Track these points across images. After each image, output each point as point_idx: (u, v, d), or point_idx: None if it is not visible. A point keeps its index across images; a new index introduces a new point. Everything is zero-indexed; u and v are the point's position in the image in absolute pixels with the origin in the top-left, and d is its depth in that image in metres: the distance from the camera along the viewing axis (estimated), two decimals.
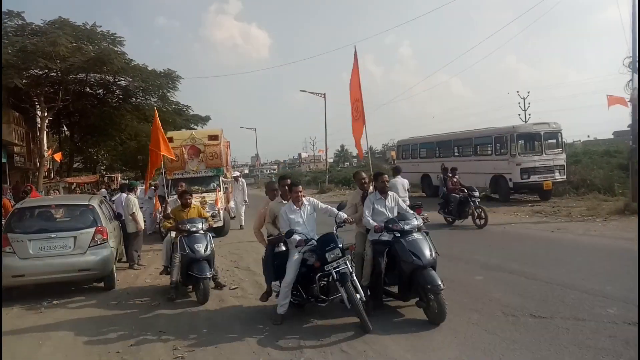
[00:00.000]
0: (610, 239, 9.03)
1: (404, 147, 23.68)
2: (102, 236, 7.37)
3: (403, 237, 5.15)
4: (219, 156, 13.24)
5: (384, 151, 76.01)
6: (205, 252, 6.54)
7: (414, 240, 5.10)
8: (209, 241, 6.74)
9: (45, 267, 6.98)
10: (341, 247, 5.16)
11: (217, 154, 13.20)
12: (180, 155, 12.73)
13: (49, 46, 21.58)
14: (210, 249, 6.66)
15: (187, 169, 12.95)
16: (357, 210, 5.82)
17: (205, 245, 6.59)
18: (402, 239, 5.14)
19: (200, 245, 6.54)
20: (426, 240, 5.18)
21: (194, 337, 5.15)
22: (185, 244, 6.55)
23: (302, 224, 5.46)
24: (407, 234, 5.17)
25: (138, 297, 7.07)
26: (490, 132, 17.76)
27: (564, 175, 16.57)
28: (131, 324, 5.76)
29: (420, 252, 5.00)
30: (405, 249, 5.04)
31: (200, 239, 6.63)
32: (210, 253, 6.66)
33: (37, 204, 8.30)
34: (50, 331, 5.66)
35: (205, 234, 6.79)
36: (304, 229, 5.45)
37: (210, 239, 6.81)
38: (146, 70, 27.95)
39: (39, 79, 24.58)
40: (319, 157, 76.86)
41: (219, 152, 13.25)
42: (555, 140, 16.83)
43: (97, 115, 30.63)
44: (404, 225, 5.22)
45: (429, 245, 5.12)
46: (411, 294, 5.20)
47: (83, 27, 24.77)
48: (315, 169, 70.00)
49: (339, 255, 5.05)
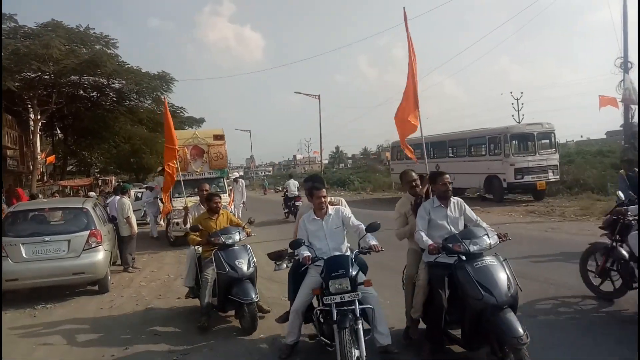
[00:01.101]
0: (604, 238, 9.08)
1: (399, 148, 23.70)
2: (96, 239, 7.33)
3: (469, 262, 3.71)
4: (224, 157, 12.84)
5: (378, 152, 76.11)
6: (249, 270, 5.35)
7: (484, 267, 3.67)
8: (251, 255, 5.53)
9: (39, 271, 6.93)
10: (353, 276, 3.84)
11: (222, 155, 12.76)
12: (182, 156, 12.14)
13: (42, 49, 21.46)
14: (253, 265, 5.46)
15: (189, 170, 12.31)
16: (407, 222, 4.58)
17: (248, 261, 5.41)
18: (467, 264, 3.70)
19: (242, 261, 5.33)
20: (503, 268, 3.70)
21: (189, 340, 5.13)
22: (223, 260, 5.30)
23: (322, 238, 4.37)
24: (475, 258, 3.73)
25: (133, 301, 7.04)
26: (484, 133, 17.85)
27: (558, 175, 16.68)
28: (126, 327, 5.73)
29: (493, 284, 3.55)
30: (471, 279, 3.61)
31: (240, 253, 5.43)
32: (254, 270, 5.46)
33: (30, 207, 8.25)
34: (45, 335, 5.62)
35: (245, 246, 5.60)
36: (323, 245, 4.34)
37: (251, 252, 5.58)
38: (140, 73, 27.86)
39: (32, 82, 24.45)
40: (314, 158, 76.89)
41: (224, 153, 12.83)
42: (549, 140, 16.94)
43: (90, 118, 30.49)
44: (471, 246, 3.74)
45: (506, 276, 3.66)
46: (479, 341, 3.77)
47: (76, 30, 24.65)
48: (310, 171, 69.99)
49: (346, 288, 3.79)
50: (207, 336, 5.21)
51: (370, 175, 36.12)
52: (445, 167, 19.03)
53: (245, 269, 5.30)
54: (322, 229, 4.40)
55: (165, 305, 6.65)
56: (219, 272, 5.30)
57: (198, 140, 12.61)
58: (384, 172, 35.34)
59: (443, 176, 4.26)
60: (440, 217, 4.24)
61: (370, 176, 35.64)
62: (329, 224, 4.42)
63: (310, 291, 4.22)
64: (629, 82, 12.80)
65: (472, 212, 4.39)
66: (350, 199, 24.73)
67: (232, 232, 5.55)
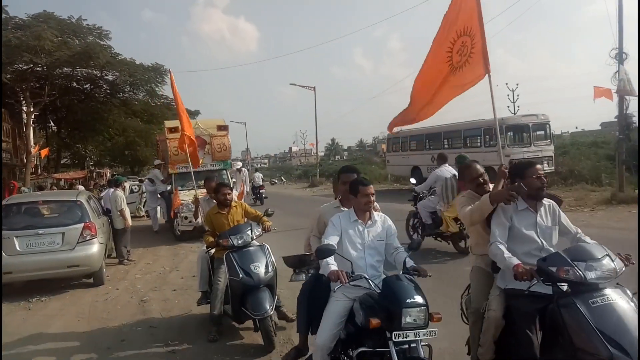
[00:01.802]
0: (598, 229, 9.14)
1: (394, 140, 23.72)
2: (90, 232, 7.30)
3: (582, 296, 2.59)
4: (227, 148, 12.47)
5: (374, 144, 76.09)
6: (267, 275, 4.53)
7: (607, 306, 2.52)
8: (269, 256, 4.72)
9: (33, 264, 6.90)
10: (427, 307, 2.84)
11: (226, 146, 12.39)
12: None
13: (33, 40, 21.21)
14: (272, 268, 4.65)
15: None
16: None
17: (265, 264, 4.59)
18: (578, 300, 2.57)
19: (258, 265, 4.52)
20: (633, 308, 2.55)
21: (185, 332, 5.13)
22: (236, 264, 4.51)
23: (360, 249, 3.27)
24: (592, 290, 2.60)
25: (128, 293, 7.03)
26: (479, 124, 17.84)
27: (552, 166, 16.75)
28: (121, 319, 5.72)
29: (623, 333, 2.42)
30: (587, 324, 2.48)
31: (256, 255, 4.63)
32: (273, 274, 4.65)
33: (23, 200, 8.20)
34: (40, 328, 5.61)
35: (262, 246, 4.80)
36: (360, 258, 3.24)
37: (270, 252, 4.79)
38: (133, 65, 27.62)
39: (24, 74, 24.19)
40: (310, 150, 76.81)
41: (227, 144, 12.46)
42: (544, 131, 16.98)
43: (84, 110, 30.24)
44: (587, 272, 2.59)
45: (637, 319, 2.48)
46: None
47: (68, 21, 24.39)
48: (306, 163, 69.91)
49: (422, 322, 2.77)
50: (204, 330, 5.15)
51: (366, 167, 36.04)
52: None
53: (262, 274, 4.49)
54: (362, 237, 3.28)
55: (160, 297, 6.64)
56: (231, 279, 4.53)
57: (200, 131, 12.06)
58: (379, 164, 35.34)
59: (534, 167, 3.11)
60: (527, 225, 3.03)
61: (366, 168, 35.54)
62: (370, 232, 3.31)
63: (341, 320, 3.14)
64: (623, 73, 12.80)
65: (569, 222, 3.16)
66: None
67: (243, 230, 4.73)
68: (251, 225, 4.86)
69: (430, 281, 3.64)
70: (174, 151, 11.41)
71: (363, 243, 3.28)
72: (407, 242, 3.50)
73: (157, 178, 13.15)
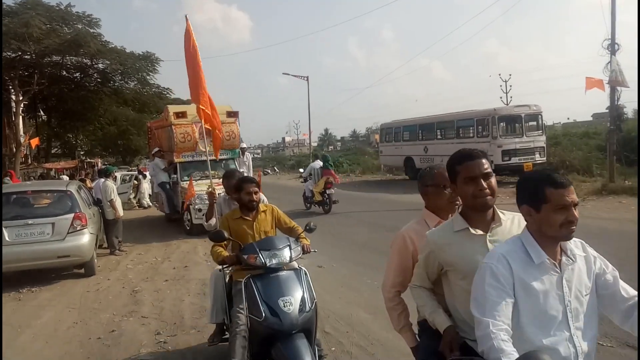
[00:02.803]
0: (588, 219, 9.21)
1: (387, 131, 23.71)
2: (81, 222, 7.24)
3: None
4: (236, 136, 11.76)
5: (367, 134, 76.09)
6: (303, 315, 3.06)
7: None
8: (306, 286, 3.22)
9: (23, 254, 6.84)
10: None
11: (235, 134, 11.66)
12: (191, 134, 11.09)
13: (21, 27, 20.82)
14: (311, 304, 3.15)
15: (198, 150, 11.09)
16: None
17: (302, 299, 3.12)
18: None
19: (290, 299, 3.07)
20: None
21: (176, 322, 5.12)
22: (259, 296, 3.12)
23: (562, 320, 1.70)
24: None
25: (119, 283, 6.99)
26: (472, 115, 17.88)
27: (544, 156, 16.84)
28: (112, 310, 5.70)
29: None
30: None
31: (289, 284, 3.17)
32: (312, 315, 3.16)
33: (12, 189, 8.10)
34: (30, 319, 5.57)
35: (299, 271, 3.30)
36: None
37: (309, 281, 3.29)
38: (124, 53, 27.25)
39: (12, 62, 23.77)
40: (303, 140, 76.64)
41: (236, 132, 11.75)
42: (536, 122, 17.04)
43: (74, 99, 29.85)
44: None
45: None
46: None
47: (57, 8, 23.94)
48: (299, 153, 69.81)
49: None
50: (195, 319, 5.13)
51: (359, 158, 36.14)
52: (434, 149, 19.19)
53: (295, 313, 3.02)
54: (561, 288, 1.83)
55: (152, 287, 6.61)
56: (251, 317, 3.10)
57: None
58: (372, 155, 35.36)
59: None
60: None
61: (359, 158, 35.65)
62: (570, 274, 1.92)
63: None
64: (615, 64, 12.84)
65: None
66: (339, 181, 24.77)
67: (278, 245, 3.32)
68: (289, 241, 3.41)
69: None
70: (180, 138, 10.90)
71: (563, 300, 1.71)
72: None
73: (157, 167, 12.17)
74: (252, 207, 3.65)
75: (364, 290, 5.75)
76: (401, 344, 2.91)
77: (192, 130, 11.09)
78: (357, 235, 9.45)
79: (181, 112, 11.03)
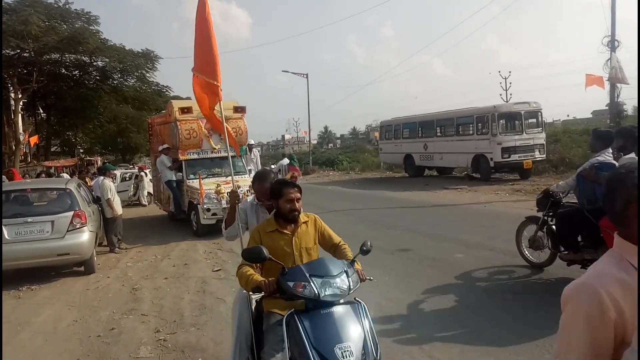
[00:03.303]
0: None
1: (387, 128, 23.69)
2: (80, 220, 7.23)
3: None
4: (244, 132, 11.37)
5: (367, 132, 76.05)
6: None
7: None
8: (369, 328, 2.46)
9: (23, 253, 6.83)
10: None
11: (242, 130, 11.28)
12: (197, 130, 10.74)
13: (20, 25, 20.81)
14: (374, 354, 2.38)
15: (204, 147, 10.88)
16: None
17: (364, 346, 2.36)
18: None
19: (348, 345, 2.29)
20: None
21: (175, 320, 5.12)
22: (307, 341, 2.31)
23: None
24: None
25: (119, 281, 6.99)
26: (471, 112, 17.86)
27: (544, 154, 16.84)
28: (112, 308, 5.70)
29: None
30: None
31: (346, 324, 2.41)
32: None
33: (12, 187, 8.10)
34: (30, 316, 5.58)
35: (356, 305, 2.55)
36: None
37: (368, 320, 2.51)
38: (123, 50, 27.23)
39: (11, 60, 23.75)
40: (303, 138, 76.62)
41: (244, 128, 11.38)
42: (536, 119, 17.02)
43: (73, 97, 29.82)
44: None
45: None
46: None
47: (55, 5, 23.92)
48: (299, 151, 69.83)
49: None
50: (195, 317, 5.14)
51: (359, 155, 36.08)
52: (433, 147, 19.19)
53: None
54: None
55: (152, 285, 6.62)
56: None
57: (215, 113, 11.04)
58: (372, 152, 35.33)
59: None
60: None
61: (359, 156, 35.60)
62: None
63: None
64: (615, 61, 12.84)
65: None
66: (339, 179, 24.79)
67: (333, 270, 2.54)
68: (345, 265, 2.65)
69: None
70: (185, 135, 10.62)
71: None
72: None
73: (163, 164, 11.50)
74: (293, 219, 2.90)
75: (364, 289, 5.74)
76: None
77: (197, 126, 10.72)
78: (356, 232, 9.45)
79: (186, 107, 10.63)
